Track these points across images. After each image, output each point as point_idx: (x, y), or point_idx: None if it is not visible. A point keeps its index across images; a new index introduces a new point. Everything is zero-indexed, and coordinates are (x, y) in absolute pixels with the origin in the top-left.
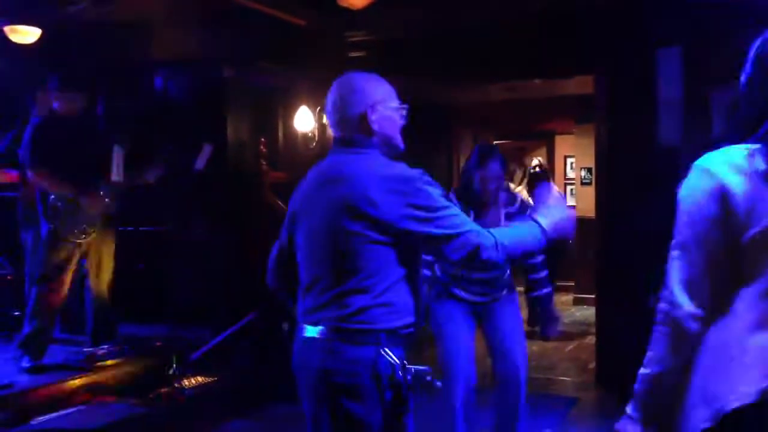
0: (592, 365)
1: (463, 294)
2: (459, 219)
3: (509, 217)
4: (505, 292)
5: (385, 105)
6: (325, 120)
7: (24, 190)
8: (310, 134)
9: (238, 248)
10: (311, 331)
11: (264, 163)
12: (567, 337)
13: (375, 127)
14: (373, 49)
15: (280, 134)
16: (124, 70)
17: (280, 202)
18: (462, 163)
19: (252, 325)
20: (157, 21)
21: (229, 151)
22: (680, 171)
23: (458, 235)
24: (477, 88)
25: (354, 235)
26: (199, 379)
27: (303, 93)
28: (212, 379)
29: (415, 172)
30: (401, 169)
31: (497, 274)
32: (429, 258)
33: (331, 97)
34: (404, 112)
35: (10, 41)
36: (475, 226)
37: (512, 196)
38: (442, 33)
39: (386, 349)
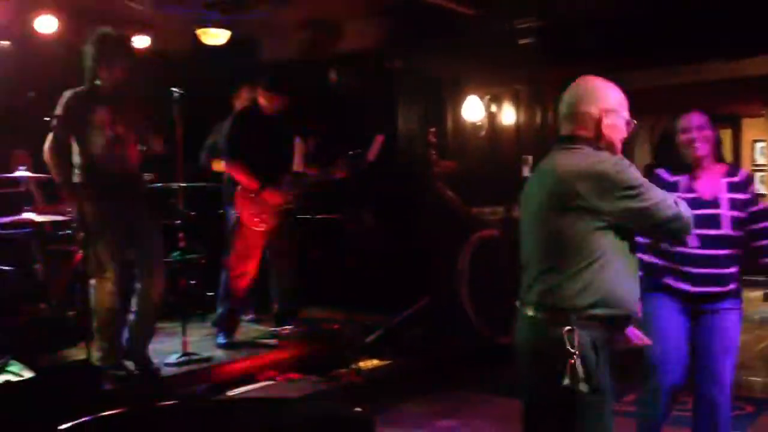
0: None
1: (679, 285)
2: (660, 192)
3: (735, 188)
4: (730, 288)
5: (618, 114)
6: (493, 108)
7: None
8: (479, 123)
9: (409, 236)
10: (524, 309)
11: (433, 152)
12: (757, 334)
13: (604, 130)
14: (542, 35)
15: (449, 124)
16: (300, 65)
17: (449, 191)
18: (639, 150)
19: (424, 311)
20: (331, 17)
21: (399, 142)
22: None
23: (661, 202)
24: (652, 72)
25: (559, 222)
26: (375, 361)
27: (471, 82)
28: (387, 362)
29: (615, 159)
30: (605, 159)
31: (723, 269)
32: (643, 243)
33: (567, 95)
34: (631, 125)
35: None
36: (671, 197)
37: (733, 167)
38: (614, 15)
39: (575, 328)
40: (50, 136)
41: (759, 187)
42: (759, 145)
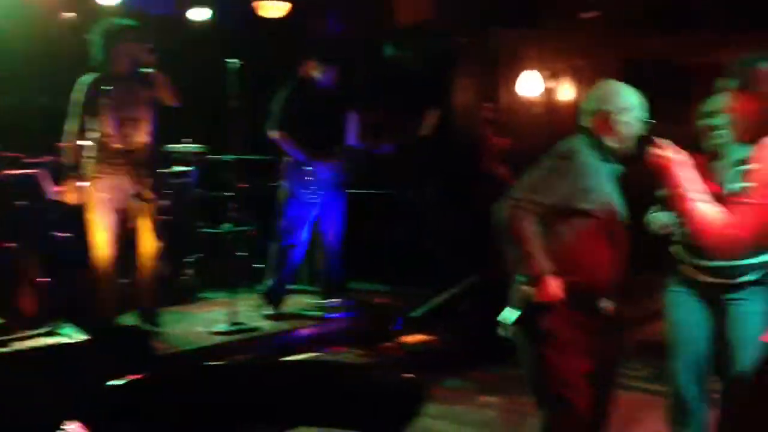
0: None
1: (691, 274)
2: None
3: None
4: (747, 279)
5: (632, 114)
6: (551, 84)
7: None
8: (535, 99)
9: (461, 213)
10: None
11: (488, 128)
12: None
13: (616, 127)
14: (607, 7)
15: (505, 100)
16: (357, 39)
17: (502, 168)
18: None
19: (473, 288)
20: None
21: (454, 117)
22: None
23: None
24: (718, 46)
25: None
26: (420, 336)
27: (531, 57)
28: (431, 338)
29: (553, 151)
30: (557, 146)
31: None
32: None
33: (592, 93)
34: (647, 125)
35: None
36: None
37: None
38: None
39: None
40: None
41: None
42: None
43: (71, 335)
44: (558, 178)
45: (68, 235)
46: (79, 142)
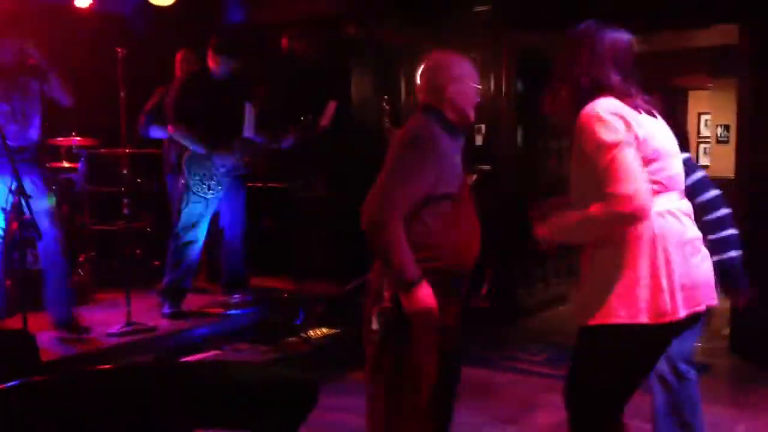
0: (725, 331)
1: None
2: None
3: None
4: None
5: (464, 81)
6: None
7: (169, 145)
8: None
9: (360, 204)
10: None
11: (386, 120)
12: None
13: (450, 97)
14: (498, 1)
15: (403, 91)
16: (252, 30)
17: None
18: None
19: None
20: None
21: (352, 109)
22: None
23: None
24: None
25: None
26: (324, 330)
27: (427, 49)
28: (336, 331)
29: (408, 136)
30: (407, 131)
31: None
32: None
33: (422, 68)
34: (478, 91)
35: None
36: None
37: None
38: None
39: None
40: None
41: (702, 159)
42: (704, 117)
43: None
44: (419, 167)
45: None
46: None
